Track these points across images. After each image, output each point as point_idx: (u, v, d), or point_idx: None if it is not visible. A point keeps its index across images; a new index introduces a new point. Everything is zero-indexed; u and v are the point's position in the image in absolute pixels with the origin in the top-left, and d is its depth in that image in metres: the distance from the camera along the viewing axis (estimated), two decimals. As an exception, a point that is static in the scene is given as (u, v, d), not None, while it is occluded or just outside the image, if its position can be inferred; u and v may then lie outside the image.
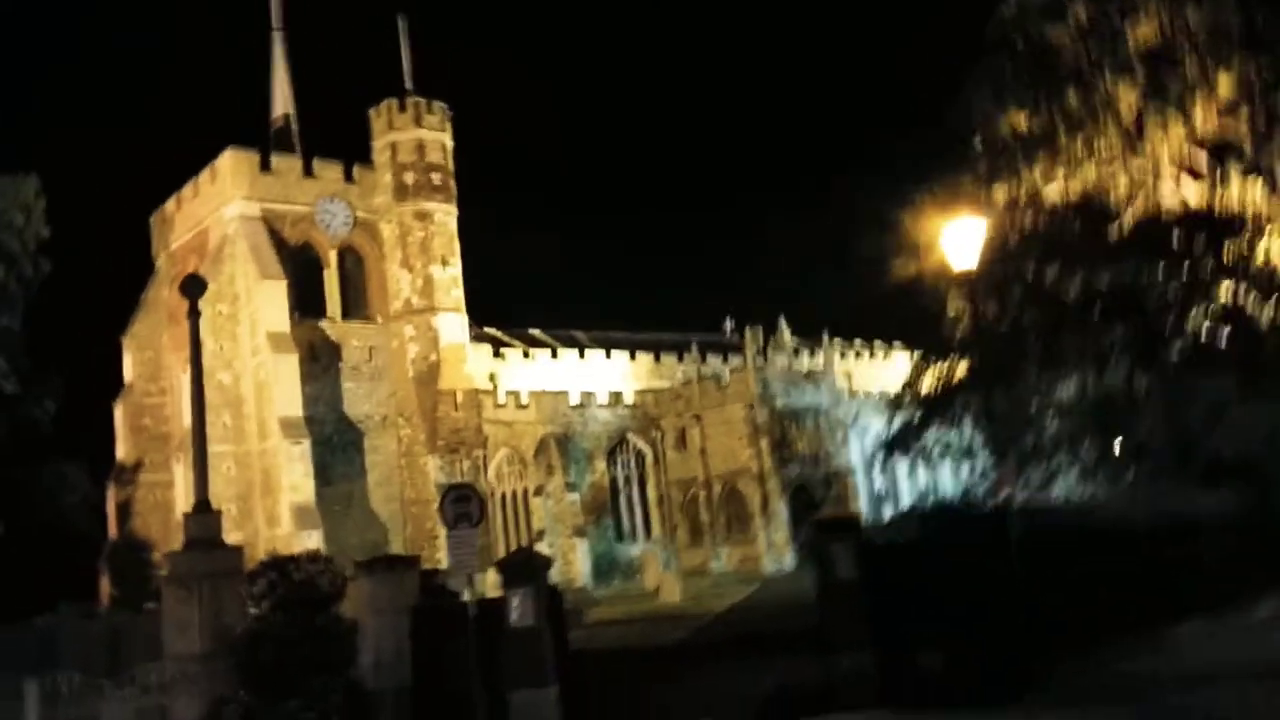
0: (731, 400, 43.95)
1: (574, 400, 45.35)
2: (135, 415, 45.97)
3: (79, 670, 15.91)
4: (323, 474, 41.28)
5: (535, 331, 53.86)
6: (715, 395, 44.86)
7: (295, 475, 39.48)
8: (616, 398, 46.63)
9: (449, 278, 45.43)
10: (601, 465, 45.07)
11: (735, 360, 49.75)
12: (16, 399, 42.67)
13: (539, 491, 43.41)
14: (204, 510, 17.01)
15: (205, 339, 42.38)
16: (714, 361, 51.60)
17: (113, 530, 45.56)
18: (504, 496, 44.94)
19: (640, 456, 46.65)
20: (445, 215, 45.86)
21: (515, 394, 44.94)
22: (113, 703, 15.06)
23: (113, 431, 46.80)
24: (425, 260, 45.12)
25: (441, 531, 43.75)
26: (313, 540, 39.20)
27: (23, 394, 42.57)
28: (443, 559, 24.04)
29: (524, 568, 13.02)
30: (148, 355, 46.61)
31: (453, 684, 13.30)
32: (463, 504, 13.25)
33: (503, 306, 51.25)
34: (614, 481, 45.35)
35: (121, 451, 45.68)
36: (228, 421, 41.03)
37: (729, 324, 60.96)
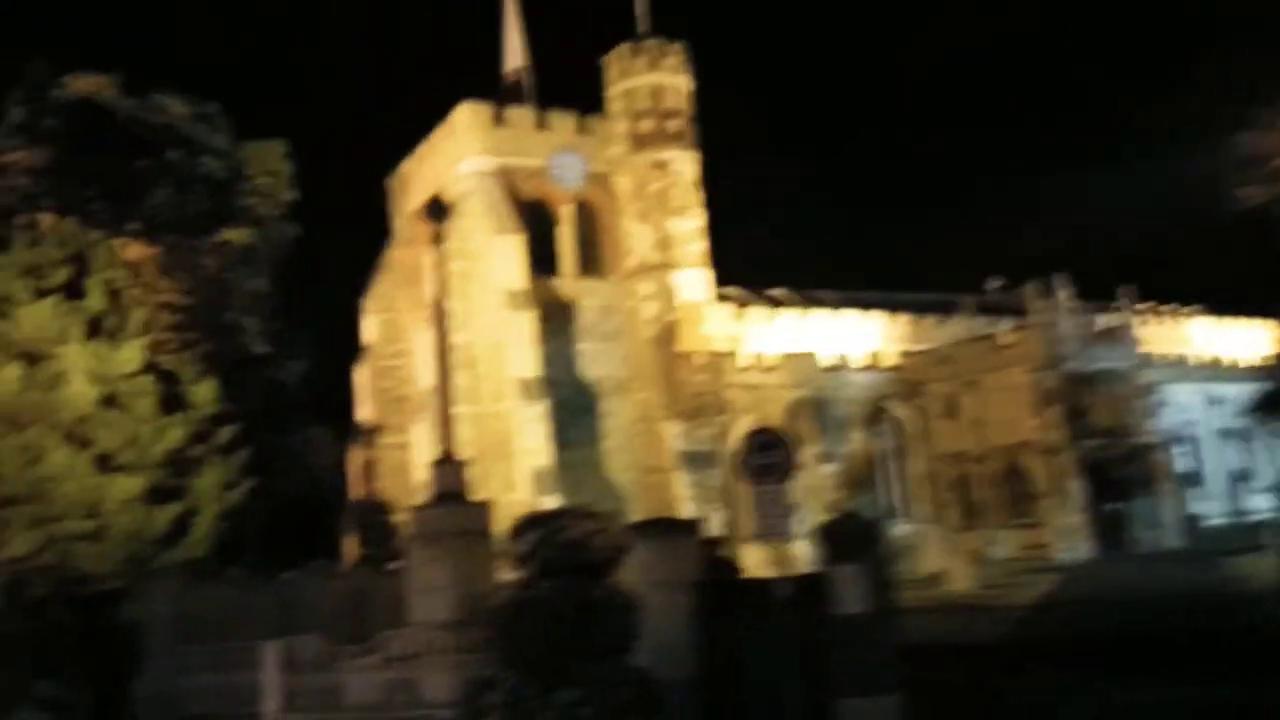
0: (1013, 363, 39.05)
1: (826, 362, 41.66)
2: (376, 378, 45.90)
3: (322, 633, 13.98)
4: (559, 439, 39.55)
5: (778, 291, 50.49)
6: (993, 357, 40.08)
7: (533, 438, 37.89)
8: (875, 359, 42.60)
9: (688, 231, 42.75)
10: (859, 435, 41.25)
11: (1004, 322, 44.77)
12: (267, 361, 43.19)
13: (787, 460, 40.07)
14: (450, 460, 14.76)
15: (442, 298, 41.56)
16: (979, 323, 46.78)
17: (356, 491, 45.71)
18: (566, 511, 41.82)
19: (902, 426, 42.48)
20: (684, 164, 43.18)
21: (760, 356, 41.74)
22: (357, 673, 12.95)
23: (353, 394, 47.01)
24: (663, 213, 42.62)
25: (681, 505, 41.45)
26: (551, 506, 37.58)
27: (273, 356, 43.09)
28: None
29: (854, 537, 9.82)
30: (387, 318, 46.44)
31: (750, 679, 10.33)
32: (769, 453, 10.26)
33: (744, 263, 48.05)
34: (872, 453, 41.41)
35: (363, 413, 45.71)
36: (464, 382, 39.88)
37: (994, 283, 55.41)
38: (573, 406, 41.29)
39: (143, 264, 36.17)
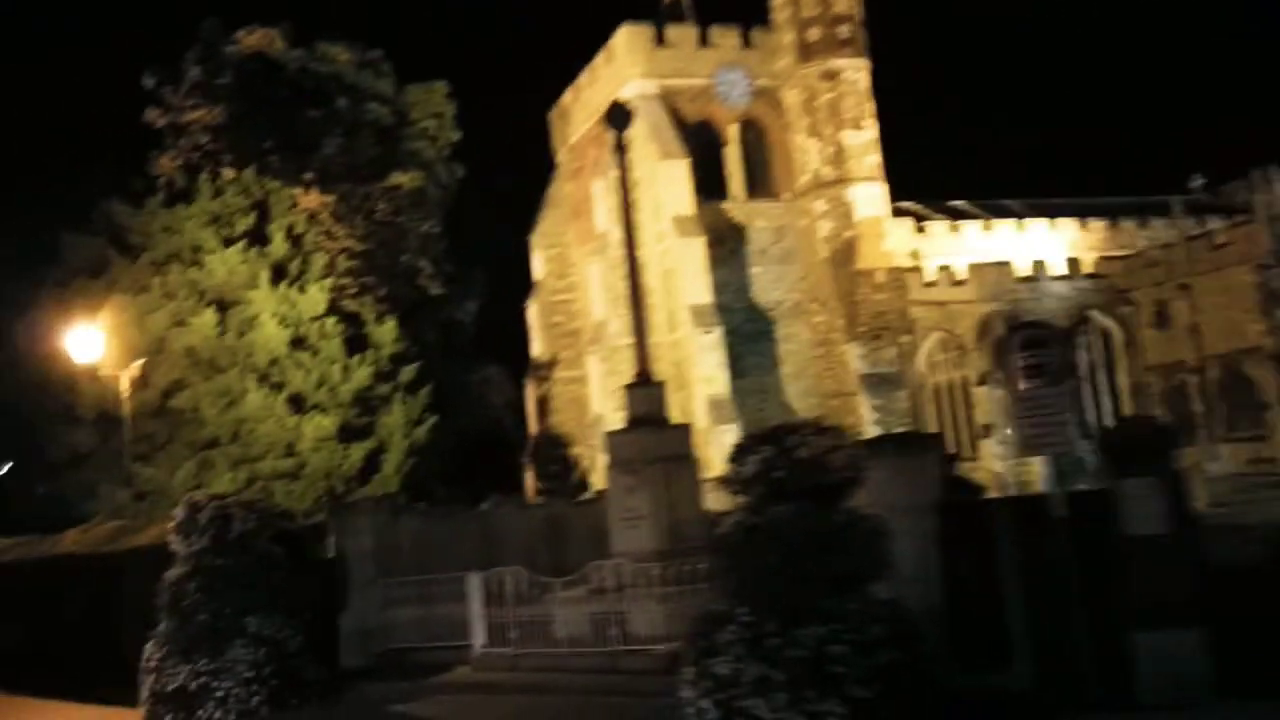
0: (1232, 262, 35.55)
1: (1021, 272, 39.00)
2: (546, 313, 45.81)
3: (523, 564, 13.46)
4: (734, 366, 38.49)
5: (959, 203, 47.68)
6: (1208, 258, 36.61)
7: (708, 366, 36.96)
8: (1074, 266, 39.64)
9: (863, 143, 40.53)
10: (1061, 349, 38.52)
11: (1211, 223, 40.94)
12: (442, 301, 43.66)
13: (983, 380, 37.90)
14: (647, 383, 13.87)
15: (609, 228, 40.97)
16: (1184, 225, 42.90)
17: (532, 427, 46.00)
18: (937, 388, 39.94)
19: (1107, 337, 39.53)
20: (856, 72, 40.83)
21: (948, 269, 39.42)
22: (563, 605, 12.34)
23: (526, 330, 47.12)
24: (835, 125, 40.51)
25: (866, 429, 39.86)
26: (729, 436, 36.67)
27: (447, 297, 43.52)
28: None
29: (1146, 444, 8.37)
30: (555, 253, 46.17)
31: (1013, 612, 9.09)
32: (1037, 353, 8.89)
33: (920, 176, 45.41)
34: (1075, 367, 38.69)
35: (536, 349, 45.79)
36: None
37: (1196, 181, 50.71)
38: (747, 333, 40.12)
39: (319, 212, 36.77)
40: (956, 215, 45.71)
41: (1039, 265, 39.60)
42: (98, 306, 23.77)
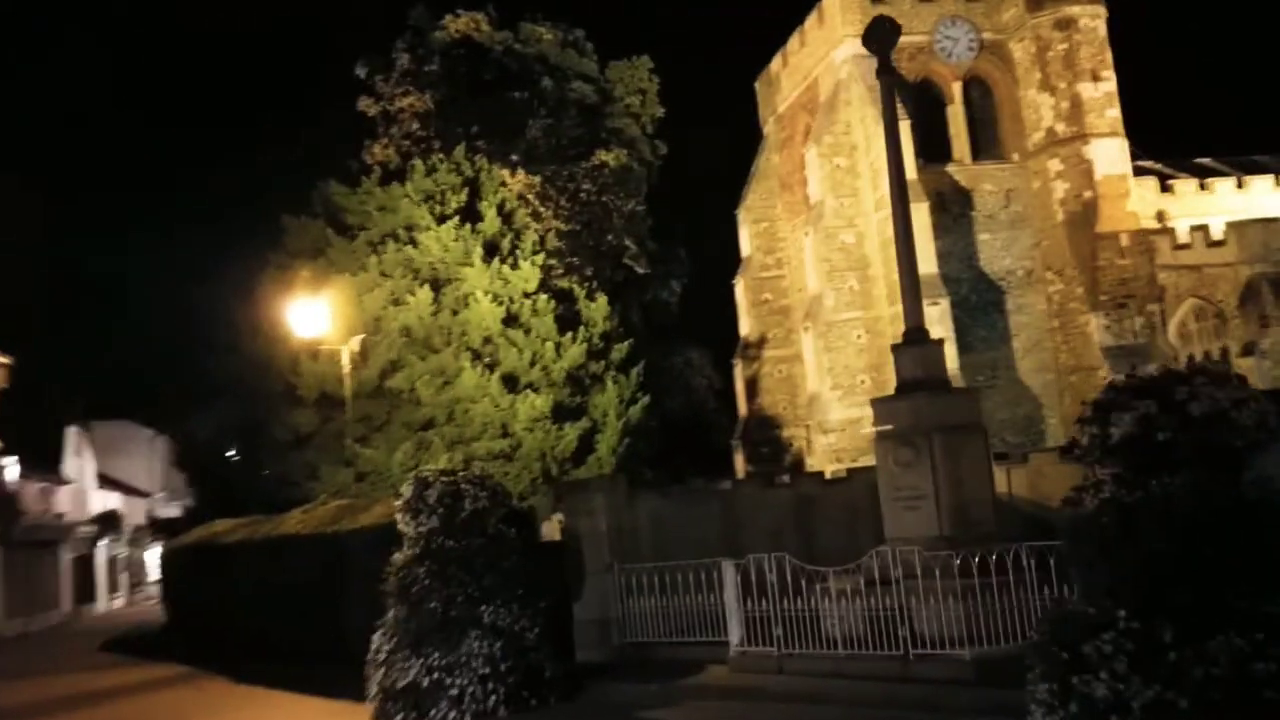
0: None
1: (1291, 229, 34.52)
2: (755, 290, 43.96)
3: (773, 549, 11.79)
4: (961, 340, 35.55)
5: (1204, 160, 43.00)
6: None
7: (935, 341, 34.22)
8: (1356, 221, 34.85)
9: (1103, 95, 36.74)
10: (1333, 315, 33.89)
11: None
12: (648, 281, 42.62)
13: (1248, 350, 33.66)
14: (921, 339, 11.91)
15: (823, 196, 38.79)
16: None
17: (742, 408, 44.33)
18: (1191, 360, 35.78)
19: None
20: (1093, 19, 37.06)
21: (1204, 228, 35.25)
22: (836, 599, 10.59)
23: (734, 308, 45.44)
24: (1071, 77, 36.86)
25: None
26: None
27: (653, 276, 42.47)
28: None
29: None
30: (763, 227, 44.25)
31: None
32: None
33: (1160, 132, 41.07)
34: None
35: (745, 328, 44.01)
36: (855, 285, 36.95)
37: None
38: (975, 304, 37.12)
39: (525, 193, 36.30)
40: (1204, 173, 41.20)
41: (1316, 219, 34.89)
42: (319, 286, 23.67)
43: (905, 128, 35.88)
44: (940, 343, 12.17)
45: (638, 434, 28.57)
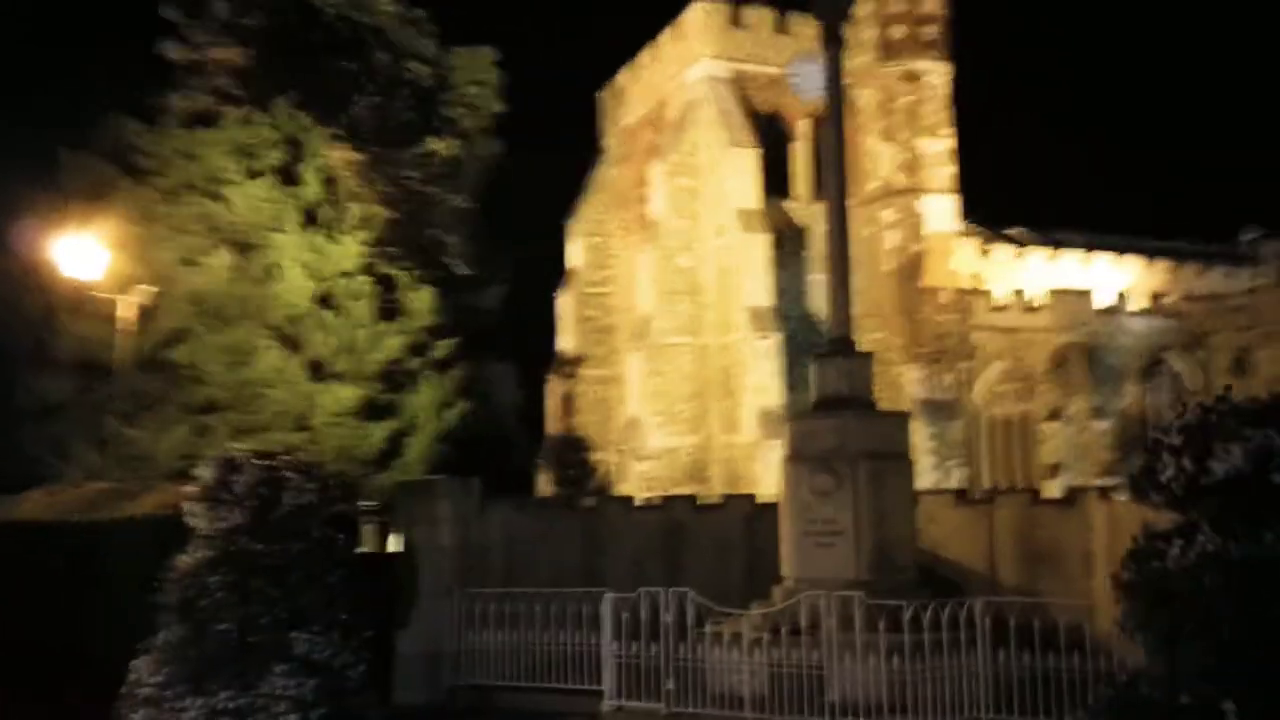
0: (1331, 314, 32.47)
1: (1100, 304, 35.76)
2: (580, 305, 42.17)
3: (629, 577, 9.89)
4: (784, 378, 35.04)
5: (1016, 230, 44.61)
6: (1304, 307, 33.54)
7: (762, 374, 33.43)
8: (1154, 303, 36.48)
9: (939, 152, 37.19)
10: (1133, 389, 35.27)
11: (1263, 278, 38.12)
12: (465, 283, 40.10)
13: (1055, 415, 34.49)
14: (846, 351, 10.34)
15: (666, 216, 37.50)
16: (1243, 274, 40.38)
17: (552, 426, 42.31)
18: (994, 421, 36.52)
19: (1177, 380, 36.28)
20: (938, 77, 37.52)
21: (1020, 293, 36.10)
22: (728, 648, 8.76)
23: (552, 322, 43.49)
24: (911, 131, 37.15)
25: (917, 458, 36.48)
26: (776, 451, 33.18)
27: (473, 279, 39.98)
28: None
29: None
30: (595, 241, 42.57)
31: None
32: None
33: (977, 196, 42.21)
34: (1145, 411, 35.36)
35: (566, 343, 42.11)
36: (687, 310, 35.75)
37: (1250, 233, 48.06)
38: (799, 344, 36.52)
39: (345, 169, 33.21)
40: (1017, 242, 42.70)
41: (1122, 297, 36.38)
42: (95, 232, 20.05)
43: (754, 156, 35.48)
44: (868, 356, 10.65)
45: (451, 442, 26.09)
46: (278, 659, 7.79)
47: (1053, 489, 33.52)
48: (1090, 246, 42.91)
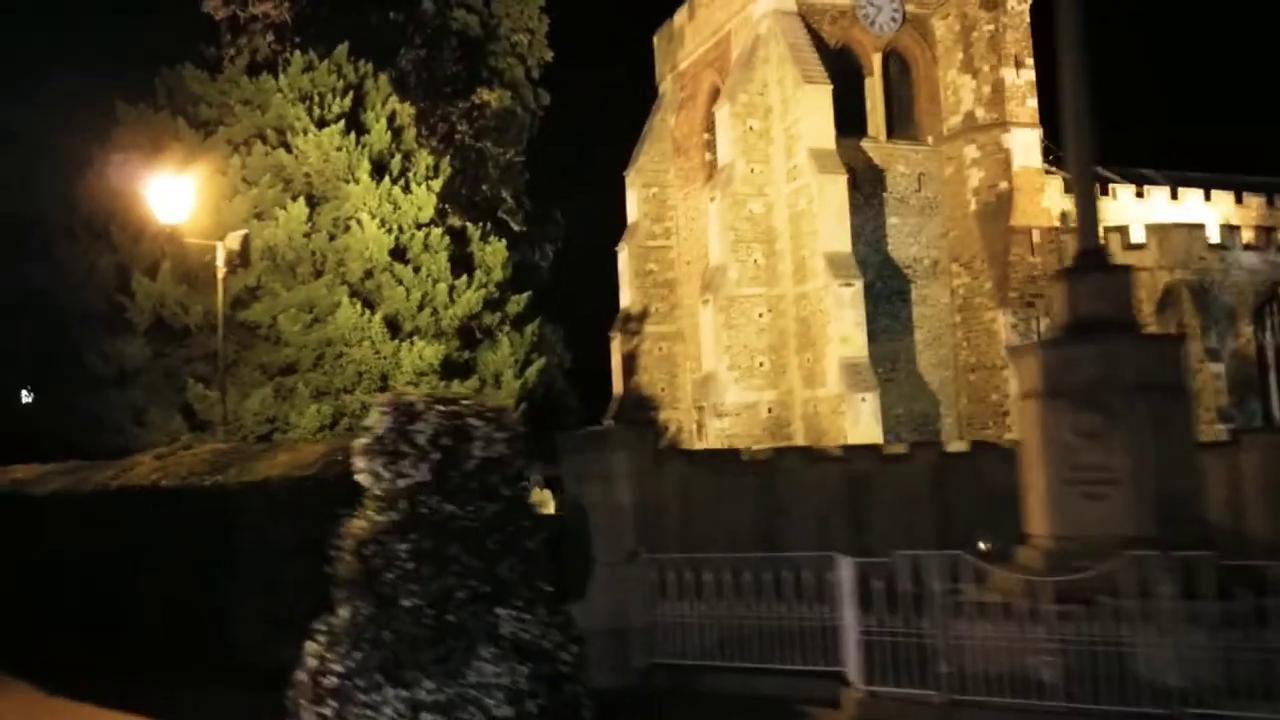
0: None
1: (1212, 238, 33.79)
2: (640, 259, 40.61)
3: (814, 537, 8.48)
4: (865, 328, 33.42)
5: (1098, 169, 42.62)
6: None
7: (845, 324, 31.80)
8: (1268, 236, 34.47)
9: (1025, 83, 35.24)
10: (1247, 329, 33.34)
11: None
12: (519, 240, 38.64)
13: (1160, 358, 32.70)
14: (1102, 265, 8.77)
15: (734, 159, 35.75)
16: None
17: (616, 385, 40.95)
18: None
19: (1295, 320, 34.38)
20: (1020, 2, 35.52)
21: (1123, 230, 34.21)
22: (987, 621, 7.30)
23: (606, 279, 41.97)
24: (995, 61, 35.19)
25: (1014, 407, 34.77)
26: (867, 406, 31.68)
27: (525, 235, 38.50)
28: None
29: None
30: (652, 193, 40.93)
31: None
32: None
33: (1049, 134, 40.07)
34: (1261, 351, 33.46)
35: (626, 299, 40.61)
36: (759, 260, 34.14)
37: None
38: (878, 292, 34.93)
39: (407, 118, 31.73)
40: (1104, 180, 40.68)
41: (1231, 231, 34.39)
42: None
43: (827, 93, 33.62)
44: (1128, 271, 9.03)
45: (533, 400, 24.76)
46: (485, 640, 6.46)
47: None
48: (1176, 184, 41.01)
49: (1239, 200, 41.00)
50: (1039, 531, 8.23)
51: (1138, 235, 34.78)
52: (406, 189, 22.99)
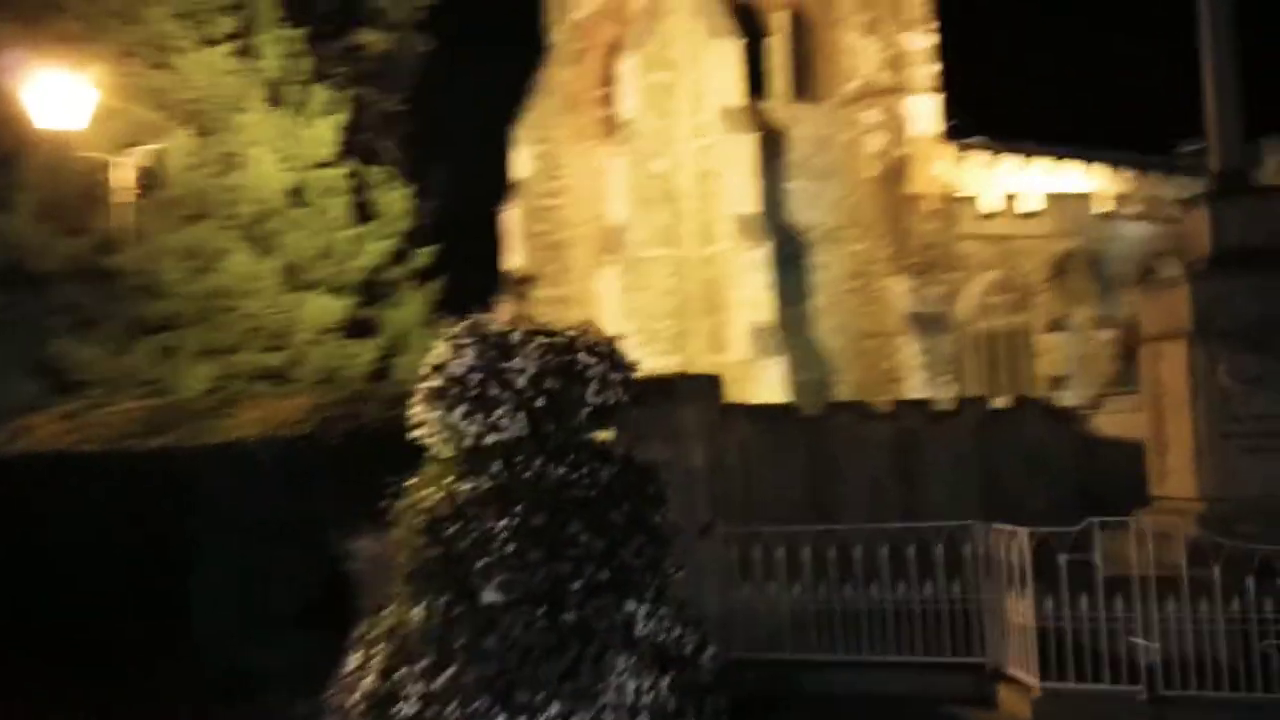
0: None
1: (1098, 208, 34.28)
2: (530, 220, 38.63)
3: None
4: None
5: (975, 140, 42.99)
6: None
7: (754, 287, 30.93)
8: (1152, 206, 35.17)
9: (925, 49, 34.98)
10: (1131, 297, 33.96)
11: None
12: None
13: (1057, 326, 33.00)
14: (1247, 186, 7.69)
15: (640, 114, 34.17)
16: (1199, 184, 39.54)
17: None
18: (986, 334, 34.97)
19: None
20: (923, -34, 35.19)
21: (1014, 198, 34.34)
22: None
23: (491, 241, 39.83)
24: (896, 25, 34.77)
25: (907, 375, 34.64)
26: (776, 370, 30.89)
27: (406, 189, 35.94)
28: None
29: None
30: (544, 149, 38.92)
31: None
32: None
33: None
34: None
35: (515, 260, 38.60)
36: (660, 220, 32.78)
37: (1190, 146, 47.48)
38: (780, 256, 34.11)
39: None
40: (986, 148, 41.02)
41: (1121, 200, 35.01)
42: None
43: (737, 48, 32.47)
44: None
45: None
46: (619, 646, 4.85)
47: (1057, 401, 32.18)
48: (1050, 155, 41.59)
49: (1115, 171, 41.96)
50: (1182, 493, 7.11)
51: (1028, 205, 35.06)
52: (306, 123, 20.51)
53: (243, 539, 6.92)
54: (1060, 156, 41.39)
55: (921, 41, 34.91)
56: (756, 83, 35.03)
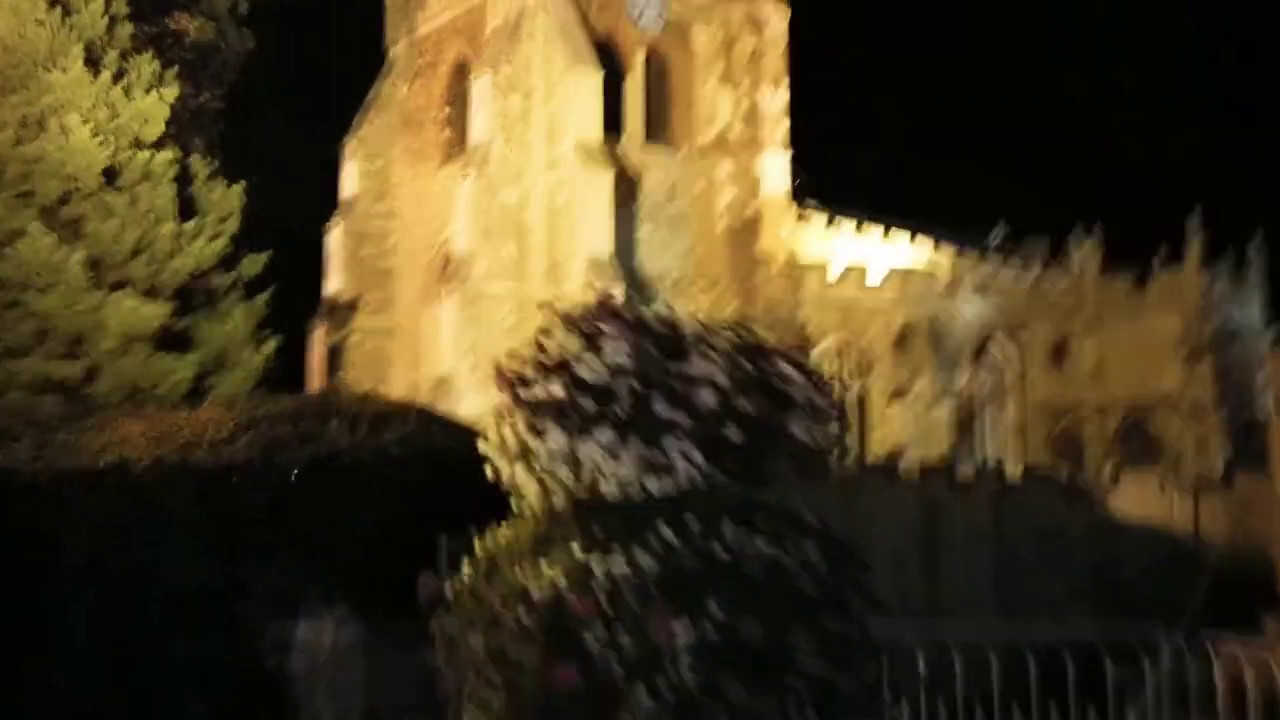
0: (1154, 309, 33.07)
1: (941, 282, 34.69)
2: (355, 242, 35.64)
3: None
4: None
5: (810, 203, 43.37)
6: (1126, 302, 34.01)
7: (601, 334, 29.09)
8: (990, 283, 35.87)
9: (779, 107, 34.75)
10: (966, 372, 34.44)
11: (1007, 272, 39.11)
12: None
13: (899, 394, 32.87)
14: None
15: (492, 138, 31.83)
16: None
17: (313, 382, 35.53)
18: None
19: (1000, 368, 35.89)
20: (780, 21, 35.05)
21: (861, 269, 34.27)
22: None
23: (321, 261, 36.57)
24: (753, 79, 34.39)
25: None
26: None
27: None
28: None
29: None
30: (376, 167, 36.16)
31: None
32: None
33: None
34: (972, 396, 34.63)
35: (336, 284, 35.44)
36: (507, 253, 30.71)
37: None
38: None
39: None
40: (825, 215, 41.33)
41: (957, 276, 35.63)
42: None
43: (598, 79, 31.06)
44: None
45: (269, 387, 19.75)
46: (789, 674, 2.86)
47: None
48: (881, 224, 42.08)
49: (937, 246, 42.97)
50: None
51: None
52: (131, 96, 17.41)
53: (118, 609, 4.50)
54: (889, 227, 42.08)
55: (776, 99, 34.66)
56: (613, 121, 33.74)
